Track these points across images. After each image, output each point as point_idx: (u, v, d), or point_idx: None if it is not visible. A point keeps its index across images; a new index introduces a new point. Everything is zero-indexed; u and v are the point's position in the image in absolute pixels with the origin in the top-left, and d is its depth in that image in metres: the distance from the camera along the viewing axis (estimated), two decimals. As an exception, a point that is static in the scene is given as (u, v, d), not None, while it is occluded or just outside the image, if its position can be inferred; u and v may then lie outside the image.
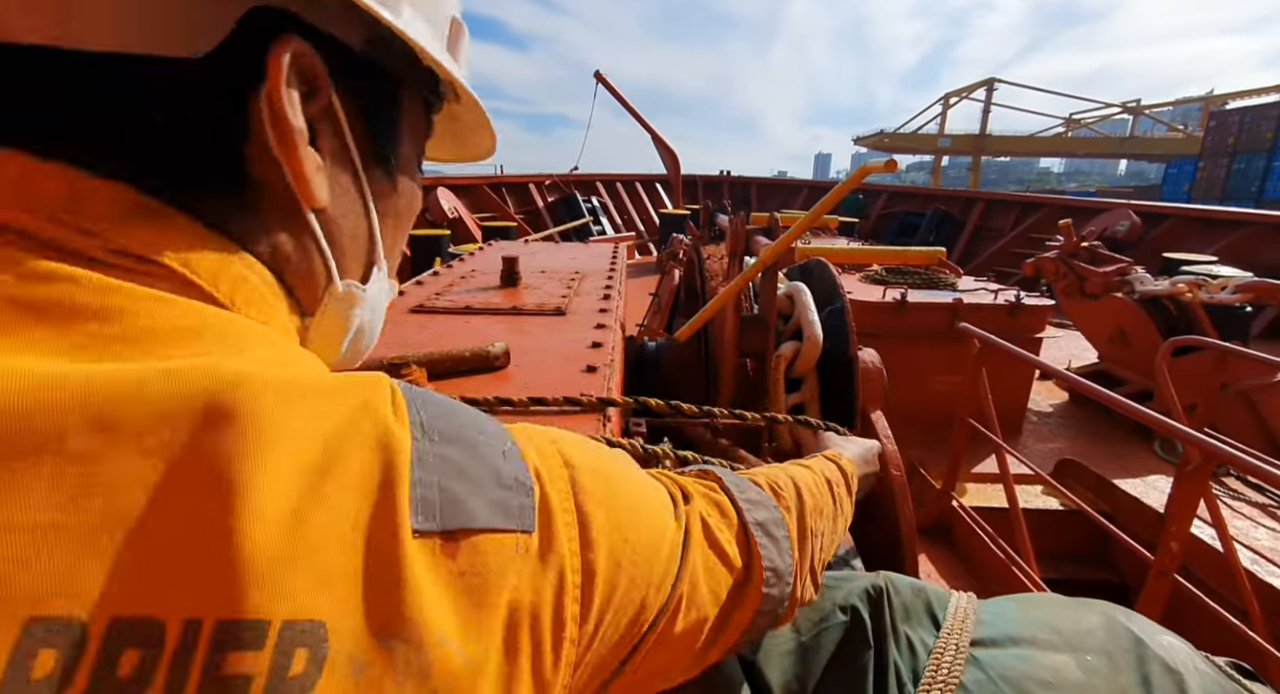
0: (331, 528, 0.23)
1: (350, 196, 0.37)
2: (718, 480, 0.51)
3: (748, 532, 0.48)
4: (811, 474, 0.63)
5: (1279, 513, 2.43)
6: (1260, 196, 20.85)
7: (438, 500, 0.27)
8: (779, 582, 0.48)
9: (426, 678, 0.24)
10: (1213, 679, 0.55)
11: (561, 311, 1.21)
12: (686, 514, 0.43)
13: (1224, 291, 3.06)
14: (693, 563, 0.41)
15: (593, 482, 0.35)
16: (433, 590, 0.25)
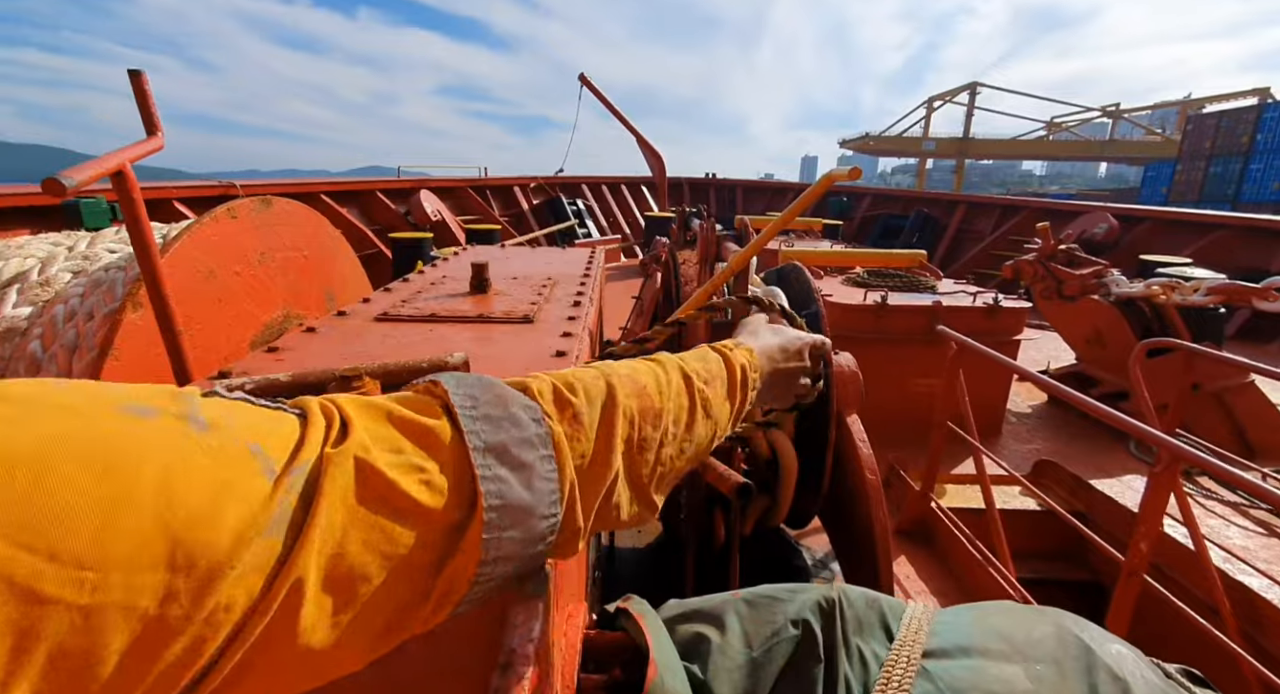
0: None
1: None
2: (441, 395, 0.42)
3: (466, 460, 0.39)
4: (658, 371, 0.55)
5: (1251, 512, 2.47)
6: (1235, 200, 21.29)
7: None
8: (522, 518, 0.40)
9: None
10: (1159, 688, 0.55)
11: (529, 319, 1.19)
12: (322, 460, 0.33)
13: (1196, 293, 3.11)
14: (322, 528, 0.32)
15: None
16: None
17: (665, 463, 0.52)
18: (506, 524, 0.39)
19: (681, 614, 0.64)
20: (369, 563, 0.34)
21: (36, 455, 0.24)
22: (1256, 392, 3.29)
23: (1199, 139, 23.79)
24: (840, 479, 1.72)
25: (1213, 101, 36.94)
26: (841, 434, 1.71)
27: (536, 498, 0.41)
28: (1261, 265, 6.01)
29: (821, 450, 1.62)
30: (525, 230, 9.61)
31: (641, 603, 0.65)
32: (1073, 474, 2.71)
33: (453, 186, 9.61)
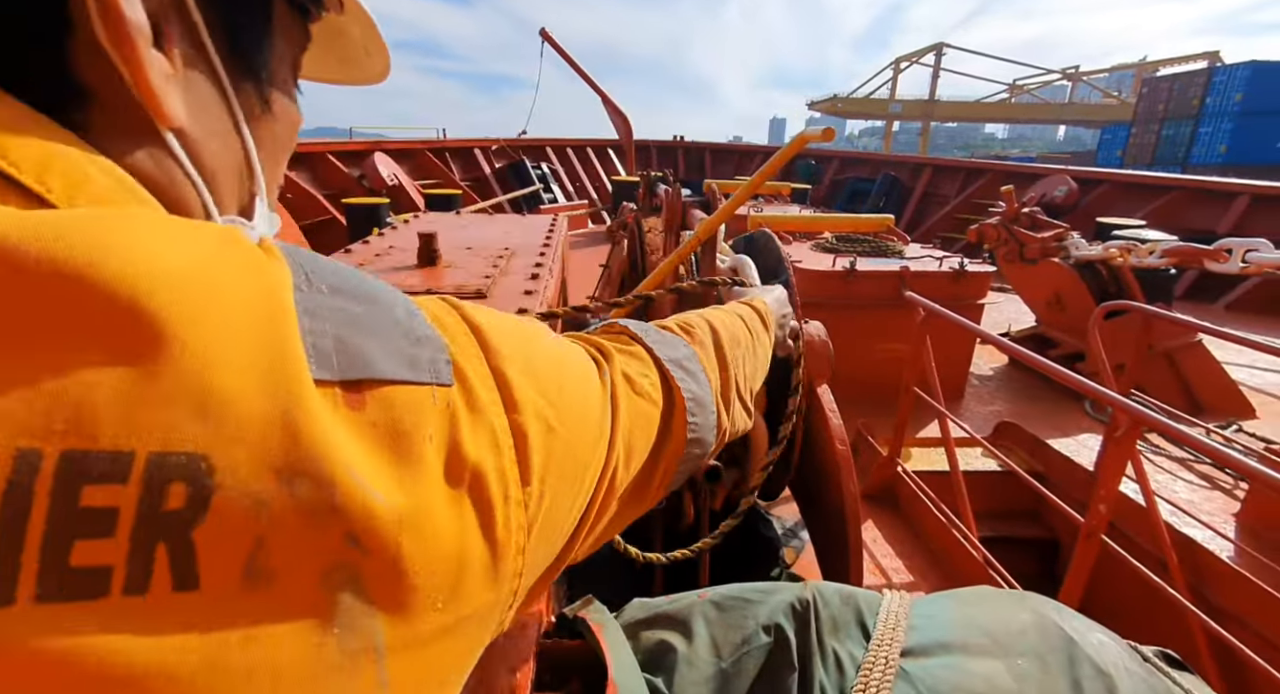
0: (216, 354, 0.21)
1: (216, 115, 0.32)
2: (624, 330, 0.54)
3: (663, 369, 0.51)
4: (722, 312, 0.69)
5: (1196, 467, 2.58)
6: (1185, 162, 21.94)
7: (332, 349, 0.25)
8: (702, 410, 0.53)
9: (337, 515, 0.22)
10: (1142, 679, 0.53)
11: (482, 294, 1.11)
12: (610, 372, 0.45)
13: (1151, 255, 3.17)
14: (625, 417, 0.44)
15: (504, 344, 0.33)
16: (340, 437, 0.23)
17: (749, 378, 0.66)
18: (696, 411, 0.52)
19: (646, 619, 0.59)
20: (636, 438, 0.45)
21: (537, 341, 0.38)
22: (1204, 351, 3.42)
23: (1153, 102, 24.31)
24: (810, 450, 1.71)
25: (1166, 65, 37.70)
26: (811, 404, 1.68)
27: (706, 395, 0.54)
28: (1210, 227, 6.21)
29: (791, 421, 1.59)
30: (488, 195, 9.27)
31: (601, 611, 0.60)
32: (1032, 435, 2.78)
33: (409, 149, 9.18)
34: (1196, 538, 2.05)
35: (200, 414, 0.20)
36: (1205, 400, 3.33)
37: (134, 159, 0.28)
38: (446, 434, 0.28)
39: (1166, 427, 1.51)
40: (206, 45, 0.31)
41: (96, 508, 0.19)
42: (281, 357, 0.23)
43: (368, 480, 0.23)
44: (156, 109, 0.28)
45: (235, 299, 0.22)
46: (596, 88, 10.53)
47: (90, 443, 0.19)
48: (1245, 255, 2.55)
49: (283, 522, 0.21)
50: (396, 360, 0.27)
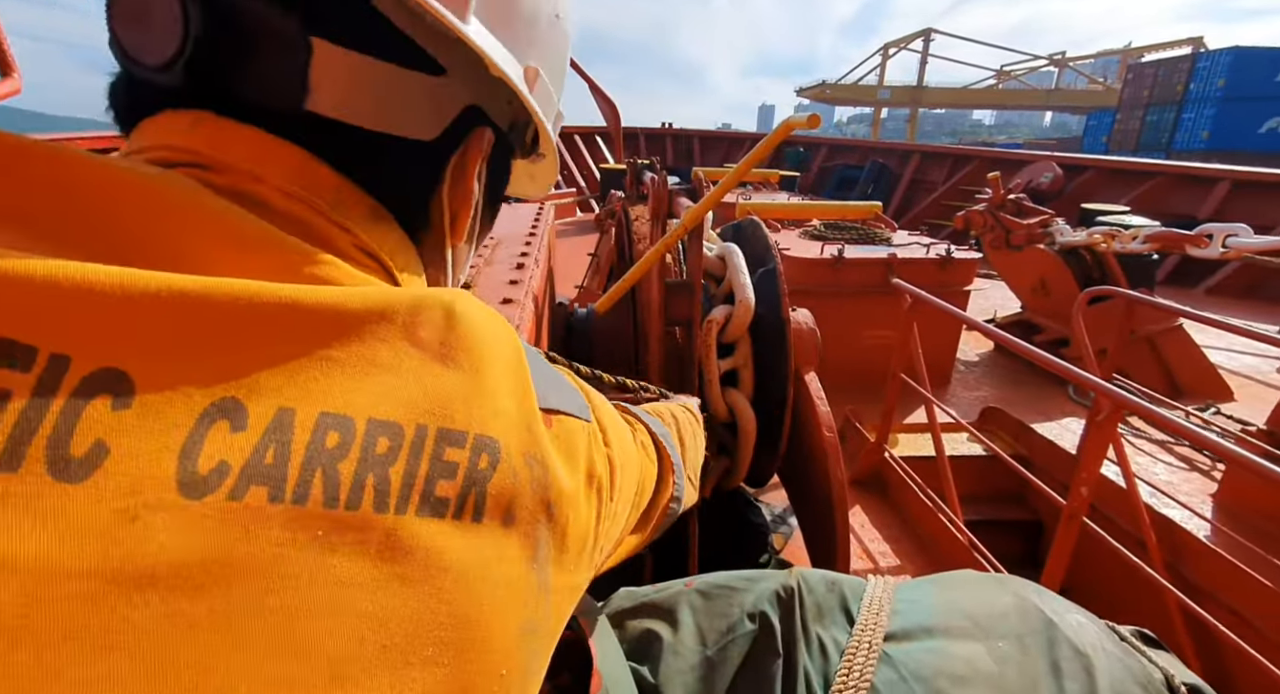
0: (499, 381, 0.34)
1: (471, 235, 0.50)
2: (628, 410, 0.69)
3: (657, 442, 0.66)
4: (678, 407, 0.86)
5: (1175, 449, 2.63)
6: (1169, 148, 22.13)
7: (539, 391, 0.37)
8: (679, 475, 0.68)
9: (547, 488, 0.35)
10: (1119, 659, 0.54)
11: (467, 285, 1.10)
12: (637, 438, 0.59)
13: (1135, 241, 3.21)
14: (642, 469, 0.57)
15: (600, 403, 0.50)
16: (547, 442, 0.36)
17: (697, 459, 0.82)
18: (679, 473, 0.67)
19: (631, 608, 0.59)
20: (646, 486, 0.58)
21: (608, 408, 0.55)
22: (1184, 335, 3.47)
23: (1138, 88, 24.43)
24: (798, 437, 1.72)
25: (1151, 50, 37.84)
26: (800, 392, 1.69)
27: (681, 465, 0.69)
28: (1192, 212, 6.29)
29: (780, 410, 1.60)
30: (474, 184, 9.15)
31: (587, 601, 0.61)
32: (1016, 420, 2.82)
33: None
34: (1175, 518, 2.10)
35: (496, 415, 0.33)
36: (1185, 384, 3.39)
37: (429, 261, 0.46)
38: (588, 453, 0.41)
39: (1147, 410, 1.54)
40: (481, 197, 0.48)
41: (450, 462, 0.30)
42: (526, 389, 0.36)
43: (561, 469, 0.37)
44: (459, 237, 0.47)
45: (507, 351, 0.36)
46: (583, 73, 10.37)
47: (450, 423, 0.31)
48: (1225, 240, 2.58)
49: (525, 487, 0.33)
50: (568, 402, 0.41)
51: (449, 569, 0.29)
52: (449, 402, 0.31)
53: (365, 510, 0.27)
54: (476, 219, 0.49)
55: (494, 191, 0.51)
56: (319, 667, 0.24)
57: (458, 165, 0.44)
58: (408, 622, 0.27)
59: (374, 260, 0.39)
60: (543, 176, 0.63)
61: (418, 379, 0.31)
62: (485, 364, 0.34)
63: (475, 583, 0.30)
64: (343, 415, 0.28)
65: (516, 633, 0.31)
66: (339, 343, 0.29)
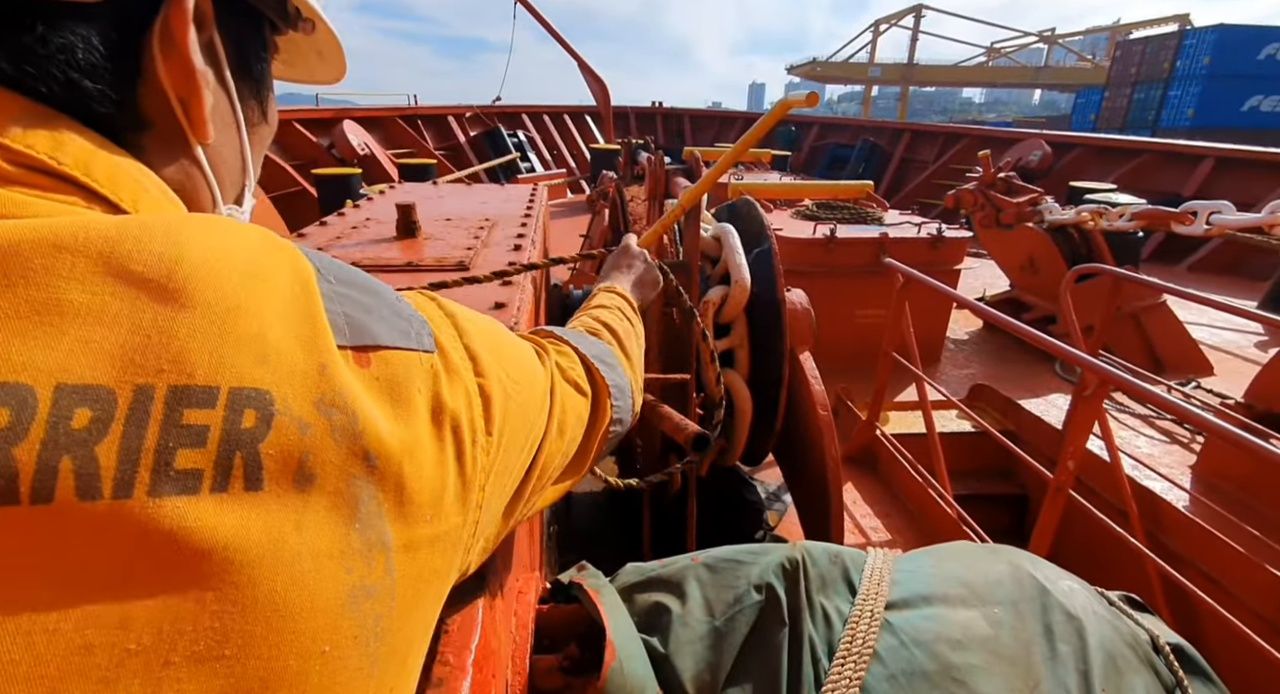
0: (265, 322, 0.29)
1: (228, 126, 0.41)
2: (552, 332, 0.65)
3: (589, 364, 0.61)
4: (608, 312, 0.79)
5: (1157, 423, 2.69)
6: (1155, 126, 22.22)
7: (345, 323, 0.32)
8: (621, 395, 0.64)
9: (359, 438, 0.30)
10: (1108, 622, 0.57)
11: (464, 266, 1.09)
12: (548, 362, 0.55)
13: (1122, 219, 3.24)
14: (559, 397, 0.53)
15: (473, 328, 0.43)
16: (357, 386, 0.31)
17: (641, 368, 0.77)
18: (618, 396, 0.63)
19: (640, 582, 0.61)
20: (567, 415, 0.54)
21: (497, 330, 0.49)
22: (1168, 312, 3.53)
23: (1125, 66, 24.40)
24: (793, 416, 1.74)
25: (1139, 27, 37.71)
26: (794, 371, 1.71)
27: (623, 383, 0.65)
28: (1177, 190, 6.35)
29: (775, 389, 1.62)
30: (463, 164, 9.02)
31: (596, 576, 0.62)
32: (1005, 396, 2.87)
33: (380, 117, 8.85)
34: (1155, 489, 2.16)
35: (262, 362, 0.28)
36: (1167, 359, 3.46)
37: (170, 170, 0.37)
38: (431, 388, 0.36)
39: (1131, 385, 1.57)
40: (226, 74, 0.39)
41: (193, 425, 0.25)
42: (314, 326, 0.31)
43: (381, 417, 0.31)
44: (201, 133, 0.37)
45: (281, 284, 0.30)
46: (572, 52, 10.20)
47: (188, 379, 0.26)
48: (1209, 217, 2.61)
49: (320, 439, 0.29)
50: (393, 332, 0.35)
51: (211, 551, 0.24)
52: (185, 351, 0.26)
53: (64, 500, 0.22)
54: (235, 107, 0.41)
55: (247, 69, 0.41)
56: None
57: (163, 35, 0.34)
58: (157, 619, 0.23)
59: (60, 180, 0.30)
60: (330, 53, 0.53)
61: (133, 326, 0.25)
62: (242, 299, 0.28)
63: (259, 560, 0.26)
64: (12, 384, 0.23)
65: (338, 603, 0.28)
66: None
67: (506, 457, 0.42)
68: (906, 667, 0.52)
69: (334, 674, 0.28)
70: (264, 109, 0.45)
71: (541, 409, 0.49)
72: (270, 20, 0.43)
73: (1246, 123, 20.87)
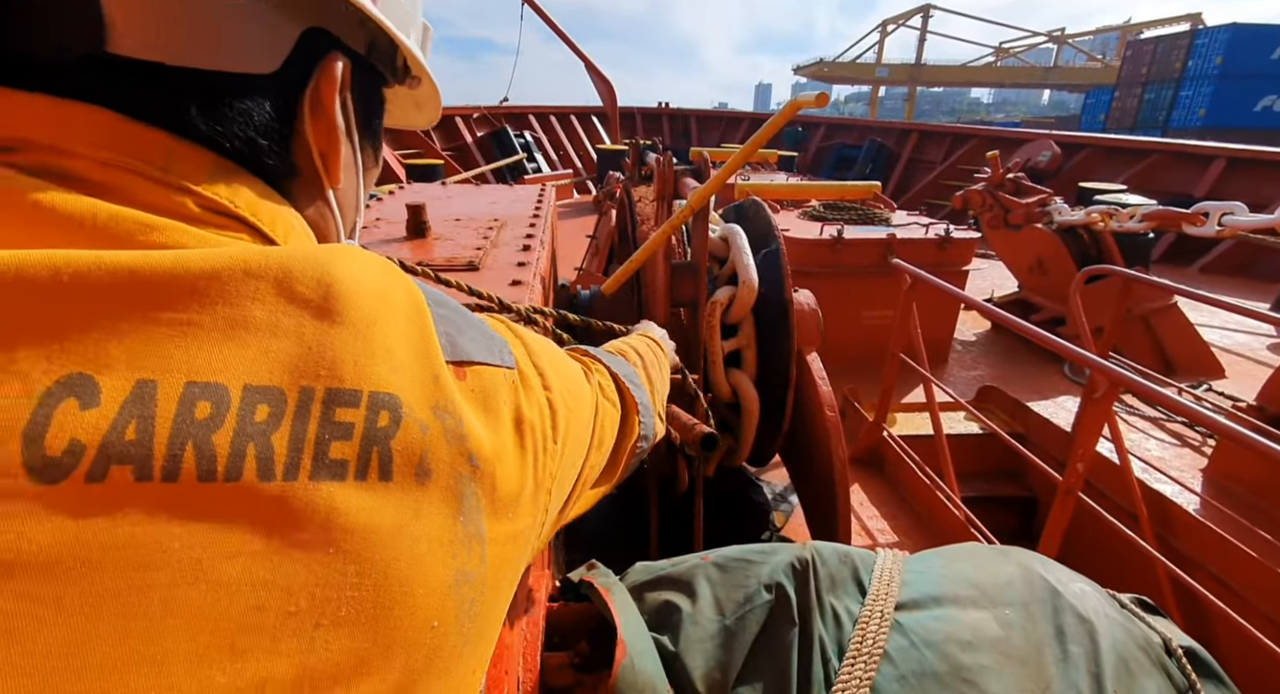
0: (393, 336, 0.33)
1: (351, 173, 0.46)
2: (588, 353, 0.69)
3: (619, 382, 0.65)
4: (643, 341, 0.85)
5: (1167, 425, 2.67)
6: (1166, 126, 22.01)
7: (447, 342, 0.37)
8: (646, 413, 0.68)
9: (464, 441, 0.34)
10: (1120, 624, 0.57)
11: (475, 266, 1.10)
12: (591, 380, 0.59)
13: (1132, 220, 3.21)
14: (601, 411, 0.57)
15: (539, 348, 0.48)
16: (459, 396, 0.35)
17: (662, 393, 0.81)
18: (644, 413, 0.67)
19: (650, 581, 0.61)
20: (606, 430, 0.58)
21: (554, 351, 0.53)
22: (1179, 313, 3.50)
23: (1136, 65, 24.19)
24: (800, 417, 1.74)
25: (1150, 27, 37.38)
26: (801, 372, 1.71)
27: (648, 402, 0.69)
28: (1188, 190, 6.29)
29: (782, 390, 1.62)
30: (470, 165, 9.05)
31: (606, 575, 0.62)
32: (1013, 398, 2.85)
33: None
34: (1166, 492, 2.14)
35: (393, 370, 0.32)
36: (1178, 361, 3.43)
37: (310, 211, 0.43)
38: (513, 400, 0.40)
39: (1142, 387, 1.56)
40: (353, 128, 0.45)
41: (344, 422, 0.30)
42: (428, 342, 0.35)
43: (478, 423, 0.36)
44: (335, 179, 0.43)
45: (402, 305, 0.35)
46: (579, 52, 10.21)
47: (339, 383, 0.30)
48: (1222, 218, 2.59)
49: (437, 441, 0.33)
50: (482, 350, 0.40)
51: (354, 531, 0.28)
52: (337, 360, 0.30)
53: (249, 480, 0.26)
54: (356, 156, 0.46)
55: (368, 124, 0.47)
56: (212, 641, 0.24)
57: (313, 99, 0.40)
58: (311, 585, 0.27)
59: (234, 220, 0.36)
60: (427, 103, 0.59)
61: (299, 338, 0.30)
62: (376, 318, 0.33)
63: (389, 541, 0.29)
64: (213, 384, 0.27)
65: (446, 585, 0.32)
66: (198, 307, 0.28)
67: (566, 464, 0.47)
68: (917, 667, 0.52)
69: (438, 648, 0.31)
70: (377, 155, 0.51)
71: (588, 423, 0.53)
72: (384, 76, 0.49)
73: (1259, 123, 20.64)
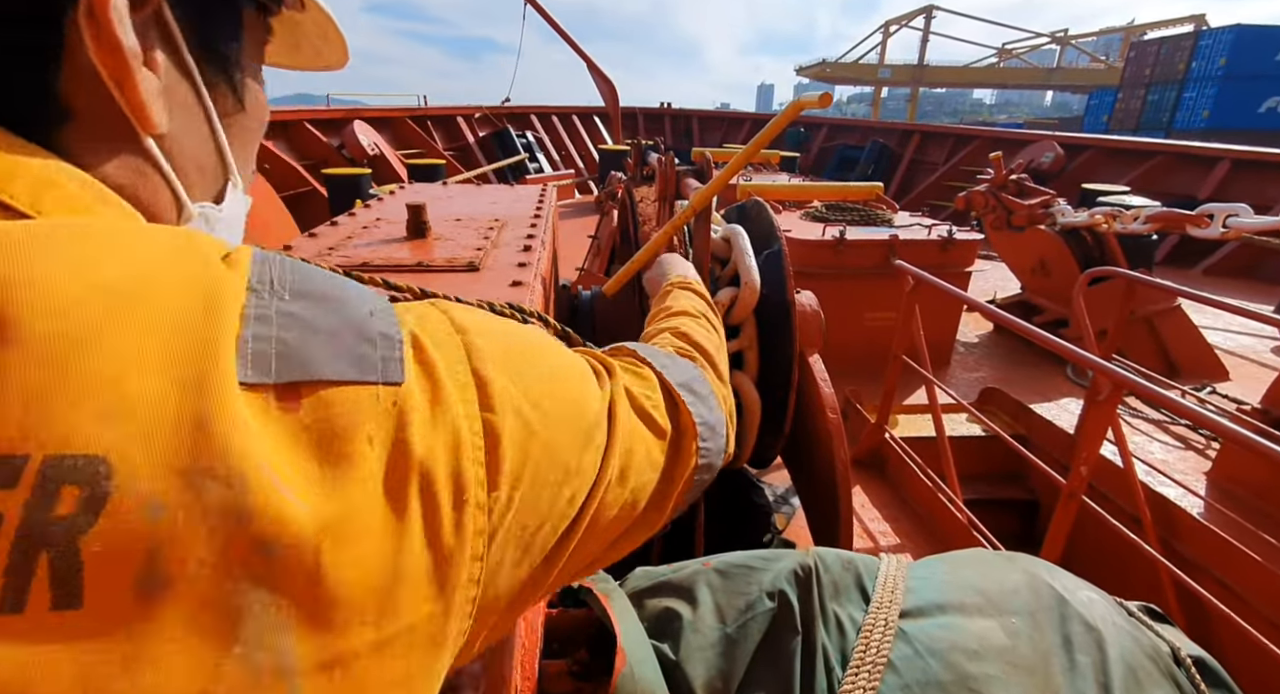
0: (126, 360, 0.21)
1: (192, 115, 0.35)
2: (633, 352, 0.53)
3: (672, 394, 0.49)
4: (693, 321, 0.67)
5: (1171, 428, 2.66)
6: (1170, 127, 21.96)
7: (273, 353, 0.25)
8: (713, 435, 0.51)
9: (248, 520, 0.21)
10: (1128, 633, 0.56)
11: (474, 266, 1.09)
12: (611, 387, 0.43)
13: (1136, 222, 3.20)
14: (623, 433, 0.41)
15: (490, 346, 0.34)
16: (267, 441, 0.23)
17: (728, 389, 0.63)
18: (708, 436, 0.50)
19: (650, 587, 0.60)
20: (634, 457, 0.42)
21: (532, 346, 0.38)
22: (1182, 315, 3.49)
23: (1140, 67, 24.15)
24: (802, 418, 1.73)
25: (1154, 28, 37.32)
26: (804, 374, 1.70)
27: (717, 418, 0.52)
28: (1192, 192, 6.27)
29: (784, 391, 1.61)
30: (472, 165, 9.06)
31: (606, 581, 0.62)
32: (1015, 400, 2.84)
33: (389, 117, 8.90)
34: (1170, 496, 2.13)
35: (105, 415, 0.20)
36: (1182, 364, 3.42)
37: (107, 168, 0.31)
38: (390, 434, 0.27)
39: (1145, 390, 1.55)
40: (184, 54, 0.34)
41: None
42: (206, 360, 0.23)
43: (288, 484, 0.23)
44: (145, 121, 0.31)
45: (163, 308, 0.23)
46: (581, 52, 10.22)
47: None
48: (1226, 221, 2.58)
49: (183, 527, 0.20)
50: (342, 360, 0.27)
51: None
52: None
53: None
54: (196, 90, 0.35)
55: (214, 49, 0.36)
56: None
57: (87, 15, 0.28)
58: None
59: None
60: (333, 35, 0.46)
61: None
62: (95, 330, 0.21)
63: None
64: None
65: None
66: None
67: (528, 511, 0.32)
68: (921, 676, 0.51)
69: None
70: (239, 96, 0.38)
71: (587, 446, 0.38)
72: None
73: (1264, 124, 20.58)
